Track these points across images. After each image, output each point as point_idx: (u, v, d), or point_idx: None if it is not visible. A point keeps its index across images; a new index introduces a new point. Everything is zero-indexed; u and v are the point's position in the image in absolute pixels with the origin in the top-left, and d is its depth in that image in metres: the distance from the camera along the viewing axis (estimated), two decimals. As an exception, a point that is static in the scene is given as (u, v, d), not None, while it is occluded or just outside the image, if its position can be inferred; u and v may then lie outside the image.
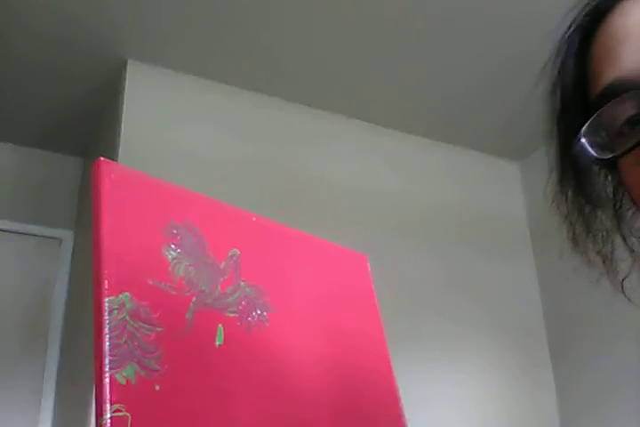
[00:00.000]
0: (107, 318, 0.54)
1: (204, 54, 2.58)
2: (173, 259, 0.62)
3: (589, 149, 0.48)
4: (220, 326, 0.62)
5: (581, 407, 2.77)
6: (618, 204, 0.57)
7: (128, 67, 2.56)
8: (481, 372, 2.74)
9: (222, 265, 0.66)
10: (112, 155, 2.38)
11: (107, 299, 0.55)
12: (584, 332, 2.82)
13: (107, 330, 0.54)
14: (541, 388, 2.85)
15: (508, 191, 3.17)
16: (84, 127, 2.92)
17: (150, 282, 0.59)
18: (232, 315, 0.64)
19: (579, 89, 0.55)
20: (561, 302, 2.93)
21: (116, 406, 0.51)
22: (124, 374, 0.53)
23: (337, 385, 0.70)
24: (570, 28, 0.55)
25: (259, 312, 0.67)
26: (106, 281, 0.56)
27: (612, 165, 0.50)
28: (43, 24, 2.39)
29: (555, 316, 2.97)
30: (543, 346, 2.94)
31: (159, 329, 0.57)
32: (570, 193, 0.56)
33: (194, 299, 0.62)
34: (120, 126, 2.44)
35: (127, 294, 0.56)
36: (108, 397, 0.51)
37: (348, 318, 0.76)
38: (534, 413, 2.76)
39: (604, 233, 0.57)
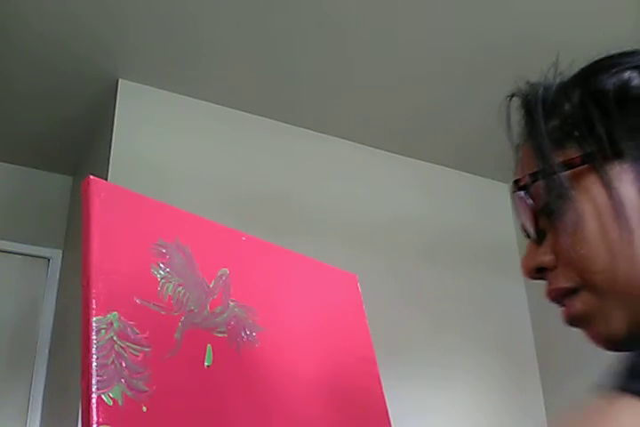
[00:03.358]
0: (94, 337, 0.53)
1: (194, 74, 2.59)
2: (162, 278, 0.61)
3: None
4: (209, 346, 0.62)
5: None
6: None
7: (119, 86, 2.56)
8: (470, 385, 2.74)
9: (211, 284, 0.65)
10: (102, 174, 2.37)
11: (94, 318, 0.54)
12: (572, 345, 2.84)
13: (94, 350, 0.53)
14: (530, 400, 2.88)
15: (497, 211, 3.21)
16: (74, 146, 2.91)
17: (138, 301, 0.58)
18: (221, 335, 0.63)
19: None
20: (549, 317, 2.95)
21: (102, 428, 0.50)
22: (111, 394, 0.52)
23: (327, 404, 0.69)
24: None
25: (248, 332, 0.66)
26: (94, 300, 0.55)
27: None
28: (35, 45, 2.39)
29: (543, 330, 2.99)
30: (532, 359, 2.98)
31: (147, 349, 0.56)
32: None
33: (182, 319, 0.61)
34: (110, 145, 2.44)
35: (115, 313, 0.56)
36: (94, 418, 0.50)
37: (337, 336, 0.76)
38: (523, 423, 2.78)
39: None
